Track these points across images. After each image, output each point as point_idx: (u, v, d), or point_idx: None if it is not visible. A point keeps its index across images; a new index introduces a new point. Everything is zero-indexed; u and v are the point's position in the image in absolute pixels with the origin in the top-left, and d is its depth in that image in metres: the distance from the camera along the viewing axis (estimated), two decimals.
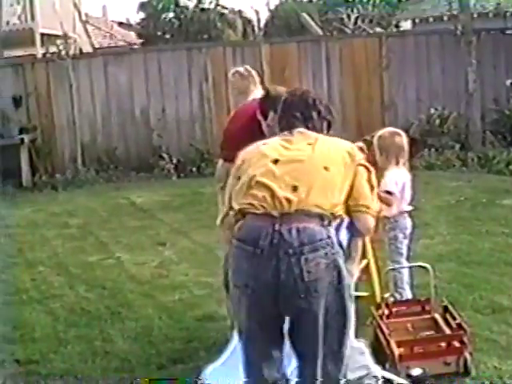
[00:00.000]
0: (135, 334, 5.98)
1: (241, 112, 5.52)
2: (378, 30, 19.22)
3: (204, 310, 6.36)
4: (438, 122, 13.44)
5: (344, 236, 3.69)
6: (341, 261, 3.46)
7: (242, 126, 5.21)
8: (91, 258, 8.34)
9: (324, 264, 3.38)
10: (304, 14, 18.13)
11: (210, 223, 9.31)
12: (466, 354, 4.77)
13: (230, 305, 5.41)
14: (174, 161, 13.77)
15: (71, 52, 14.37)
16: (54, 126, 14.23)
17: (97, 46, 29.66)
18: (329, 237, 3.43)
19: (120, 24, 36.20)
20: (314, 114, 3.82)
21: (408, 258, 5.90)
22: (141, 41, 33.54)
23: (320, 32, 16.23)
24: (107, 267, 7.96)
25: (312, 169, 3.56)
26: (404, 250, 5.82)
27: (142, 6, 36.71)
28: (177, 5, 36.33)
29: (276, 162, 3.60)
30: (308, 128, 3.80)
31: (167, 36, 35.34)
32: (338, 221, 3.54)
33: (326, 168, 3.56)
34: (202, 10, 36.24)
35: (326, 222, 3.45)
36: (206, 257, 8.08)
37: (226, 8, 37.27)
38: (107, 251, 8.64)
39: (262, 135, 5.03)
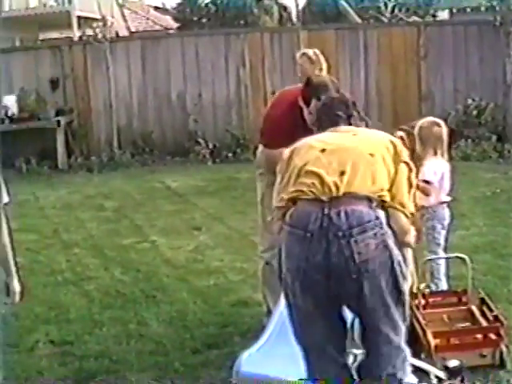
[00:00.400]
0: (170, 318, 6.00)
1: (282, 98, 5.47)
2: (416, 19, 18.96)
3: (239, 295, 6.37)
4: (475, 112, 13.29)
5: None
6: (390, 241, 3.50)
7: (283, 112, 5.17)
8: (126, 241, 8.37)
9: (374, 244, 3.43)
10: (342, 1, 17.99)
11: (244, 209, 9.60)
12: (503, 347, 4.74)
13: (267, 291, 5.47)
14: (210, 146, 13.75)
15: (108, 35, 14.38)
16: (90, 108, 14.29)
17: (133, 29, 29.81)
18: (377, 218, 3.49)
19: (156, 8, 36.19)
20: (355, 114, 3.96)
21: (445, 249, 5.85)
22: (177, 25, 33.58)
23: (358, 20, 16.09)
24: (142, 250, 7.99)
25: (358, 155, 3.65)
26: (442, 241, 5.77)
27: None
28: None
29: (323, 151, 3.71)
30: (350, 125, 3.94)
31: (203, 21, 35.32)
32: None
33: (371, 154, 3.65)
34: None
35: (373, 204, 3.52)
36: (240, 243, 8.09)
37: None
38: (142, 234, 8.67)
39: (303, 122, 5.01)
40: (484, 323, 4.93)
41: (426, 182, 5.56)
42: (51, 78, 14.11)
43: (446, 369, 4.50)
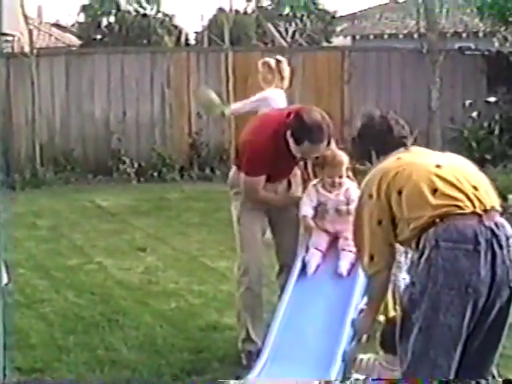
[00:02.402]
0: (139, 343, 5.72)
1: (265, 124, 5.20)
2: (341, 43, 19.11)
3: (205, 319, 6.14)
4: None
5: None
6: None
7: (267, 140, 4.94)
8: (71, 262, 8.00)
9: None
10: (269, 24, 17.95)
11: (185, 230, 9.42)
12: None
13: (247, 317, 5.23)
14: (135, 165, 13.48)
15: (27, 50, 13.89)
16: (11, 123, 13.71)
17: (37, 46, 29.09)
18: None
19: (53, 25, 35.38)
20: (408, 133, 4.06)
21: None
22: (80, 43, 32.99)
23: (283, 43, 16.07)
24: (91, 272, 7.65)
25: (472, 170, 3.74)
26: None
27: (83, 9, 36.12)
28: (118, 9, 35.94)
29: (439, 167, 3.65)
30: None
31: (106, 39, 34.87)
32: None
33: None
34: (144, 15, 35.96)
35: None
36: (190, 264, 7.89)
37: (167, 15, 37.11)
38: (85, 255, 8.32)
39: (287, 152, 4.90)
40: None
41: None
42: None
43: None
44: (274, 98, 8.04)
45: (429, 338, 3.50)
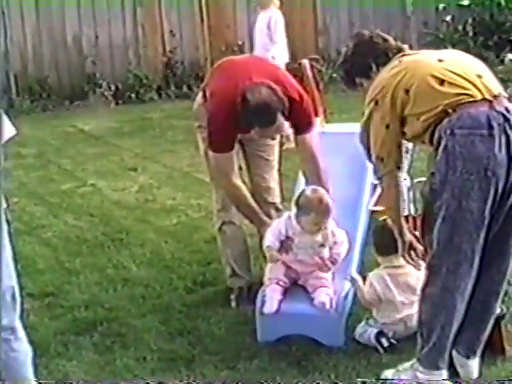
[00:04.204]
0: (147, 260, 5.66)
1: (222, 96, 4.53)
2: None
3: (209, 231, 5.97)
4: None
5: None
6: None
7: (227, 119, 4.41)
8: (64, 187, 7.85)
9: None
10: None
11: (172, 147, 9.28)
12: None
13: (229, 253, 4.88)
14: (112, 87, 13.14)
15: None
16: None
17: None
18: None
19: None
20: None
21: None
22: None
23: None
24: (86, 195, 7.53)
25: (473, 60, 3.76)
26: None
27: None
28: None
29: (441, 61, 3.67)
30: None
31: None
32: None
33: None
34: None
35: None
36: (185, 180, 7.81)
37: None
38: (78, 179, 8.15)
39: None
40: None
41: None
42: None
43: None
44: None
45: (452, 225, 3.52)
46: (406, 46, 3.98)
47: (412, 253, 3.94)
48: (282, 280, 4.37)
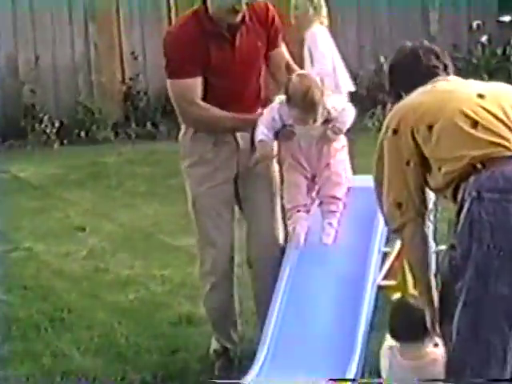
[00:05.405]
0: (95, 346, 5.75)
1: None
2: None
3: (175, 310, 6.19)
4: None
5: None
6: None
7: (185, 23, 5.04)
8: None
9: None
10: None
11: (132, 201, 9.41)
12: None
13: (215, 319, 5.27)
14: (56, 123, 13.30)
15: None
16: None
17: None
18: None
19: None
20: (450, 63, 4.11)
21: None
22: None
23: None
24: (19, 261, 7.65)
25: None
26: None
27: None
28: None
29: (481, 96, 3.69)
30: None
31: None
32: None
33: None
34: None
35: None
36: (146, 244, 7.97)
37: None
38: (9, 241, 8.26)
39: (222, 39, 4.89)
40: None
41: None
42: None
43: None
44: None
45: (477, 313, 3.50)
46: (450, 66, 4.08)
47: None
48: (301, 204, 4.97)
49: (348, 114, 4.92)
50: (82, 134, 13.39)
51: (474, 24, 14.38)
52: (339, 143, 5.01)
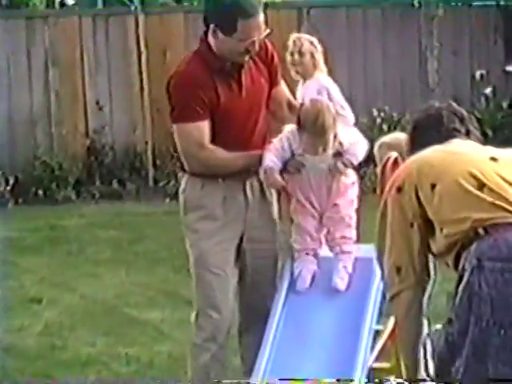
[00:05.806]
0: None
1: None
2: None
3: None
4: (384, 127, 13.31)
5: None
6: None
7: (191, 62, 5.12)
8: None
9: None
10: None
11: (94, 270, 9.29)
12: None
13: None
14: (10, 180, 13.22)
15: None
16: None
17: None
18: None
19: None
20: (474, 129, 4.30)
21: None
22: None
23: None
24: None
25: None
26: None
27: None
28: None
29: (494, 159, 3.86)
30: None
31: None
32: None
33: None
34: None
35: None
36: (110, 318, 7.86)
37: None
38: None
39: (228, 78, 5.04)
40: None
41: None
42: None
43: None
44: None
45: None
46: (474, 132, 4.26)
47: None
48: (309, 248, 5.07)
49: (360, 147, 5.02)
50: (40, 192, 13.31)
51: (477, 74, 14.36)
52: (349, 179, 5.10)
